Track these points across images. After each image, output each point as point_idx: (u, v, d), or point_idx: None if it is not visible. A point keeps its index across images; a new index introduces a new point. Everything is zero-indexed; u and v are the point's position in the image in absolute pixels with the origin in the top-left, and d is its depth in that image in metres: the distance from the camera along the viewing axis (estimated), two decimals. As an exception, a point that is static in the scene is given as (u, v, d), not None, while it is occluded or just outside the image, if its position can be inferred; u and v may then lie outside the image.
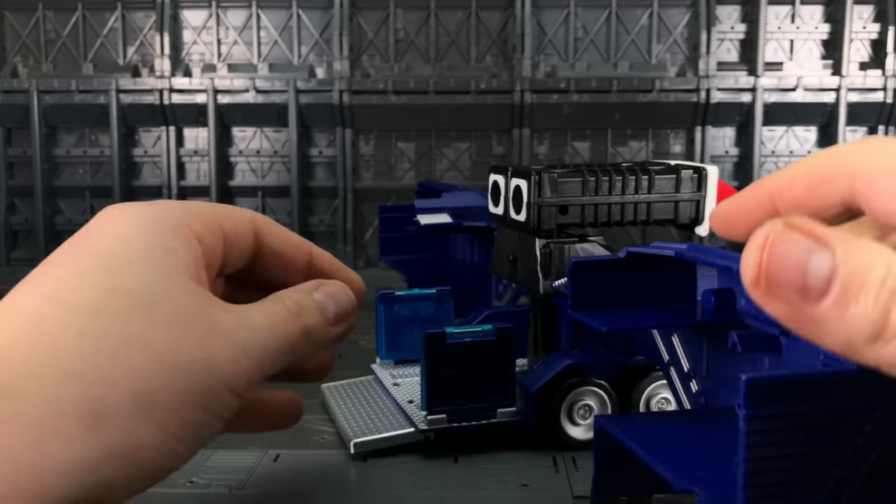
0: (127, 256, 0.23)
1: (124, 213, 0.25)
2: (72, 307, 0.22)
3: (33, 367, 0.20)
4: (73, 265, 0.23)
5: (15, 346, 0.21)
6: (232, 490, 0.34)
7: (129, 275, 0.23)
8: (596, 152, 0.90)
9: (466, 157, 0.91)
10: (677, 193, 0.41)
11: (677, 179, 0.41)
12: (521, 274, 0.41)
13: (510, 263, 0.42)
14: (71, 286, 0.22)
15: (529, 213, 0.39)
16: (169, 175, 0.91)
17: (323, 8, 0.90)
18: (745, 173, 0.89)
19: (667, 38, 0.89)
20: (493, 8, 0.89)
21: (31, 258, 0.91)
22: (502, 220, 0.42)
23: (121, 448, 0.20)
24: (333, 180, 0.91)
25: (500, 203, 0.42)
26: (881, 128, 0.89)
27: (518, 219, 0.40)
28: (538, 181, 0.38)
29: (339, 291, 0.29)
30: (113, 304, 0.22)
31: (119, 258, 0.23)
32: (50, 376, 0.20)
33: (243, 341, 0.24)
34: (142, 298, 0.22)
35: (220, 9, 0.91)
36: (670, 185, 0.41)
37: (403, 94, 0.88)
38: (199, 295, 0.24)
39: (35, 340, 0.21)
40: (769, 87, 0.87)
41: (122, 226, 0.25)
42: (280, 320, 0.26)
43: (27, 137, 0.90)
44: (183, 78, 0.89)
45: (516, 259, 0.41)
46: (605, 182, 0.40)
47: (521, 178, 0.39)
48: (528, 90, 0.87)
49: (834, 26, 0.88)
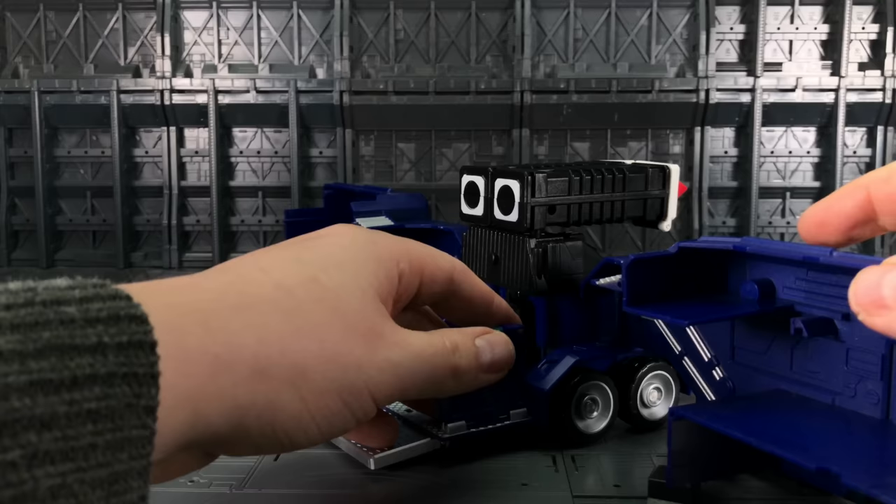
0: (338, 261, 0.27)
1: (351, 230, 0.30)
2: (277, 282, 0.25)
3: (231, 313, 0.23)
4: (295, 253, 0.27)
5: (225, 293, 0.24)
6: (233, 489, 0.34)
7: (333, 275, 0.26)
8: (595, 153, 0.90)
9: (466, 158, 0.91)
10: (646, 191, 0.43)
11: (646, 177, 0.43)
12: (507, 274, 0.41)
13: (490, 265, 0.42)
14: (283, 267, 0.26)
15: (522, 214, 0.39)
16: (170, 175, 0.91)
17: (323, 8, 0.90)
18: (744, 174, 0.89)
19: (666, 38, 0.90)
20: (493, 8, 0.90)
21: (31, 258, 0.92)
22: (479, 221, 0.42)
23: (265, 404, 0.23)
24: (334, 180, 0.91)
25: (479, 204, 0.42)
26: (880, 128, 0.89)
27: (507, 219, 0.40)
28: (531, 182, 0.39)
29: (500, 342, 0.32)
30: (310, 290, 0.25)
31: (332, 260, 0.27)
32: (238, 327, 0.23)
33: (396, 358, 0.27)
34: (333, 295, 0.26)
35: (220, 9, 0.91)
36: (641, 183, 0.43)
37: (403, 94, 0.88)
38: (378, 311, 0.27)
39: (238, 293, 0.24)
40: (768, 88, 0.88)
41: (347, 237, 0.29)
42: (434, 352, 0.29)
43: (28, 138, 0.90)
44: (184, 78, 0.89)
45: (499, 260, 0.41)
46: (587, 181, 0.41)
47: (512, 179, 0.39)
48: (527, 90, 0.87)
49: (833, 27, 0.88)
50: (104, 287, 0.19)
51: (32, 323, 0.17)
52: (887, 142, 0.89)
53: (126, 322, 0.19)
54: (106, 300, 0.19)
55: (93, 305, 0.18)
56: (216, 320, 0.22)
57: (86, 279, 0.20)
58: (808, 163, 0.90)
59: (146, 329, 0.19)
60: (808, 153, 0.90)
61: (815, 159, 0.90)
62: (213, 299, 0.23)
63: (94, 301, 0.19)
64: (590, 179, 0.41)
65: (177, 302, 0.22)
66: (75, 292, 0.19)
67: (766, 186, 0.90)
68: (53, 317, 0.18)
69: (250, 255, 0.28)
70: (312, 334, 0.24)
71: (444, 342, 0.29)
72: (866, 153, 0.90)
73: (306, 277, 0.26)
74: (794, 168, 0.90)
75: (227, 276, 0.25)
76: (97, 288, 0.19)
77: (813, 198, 0.91)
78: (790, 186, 0.90)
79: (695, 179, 0.89)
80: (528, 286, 0.40)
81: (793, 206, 0.91)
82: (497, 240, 0.42)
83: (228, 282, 0.25)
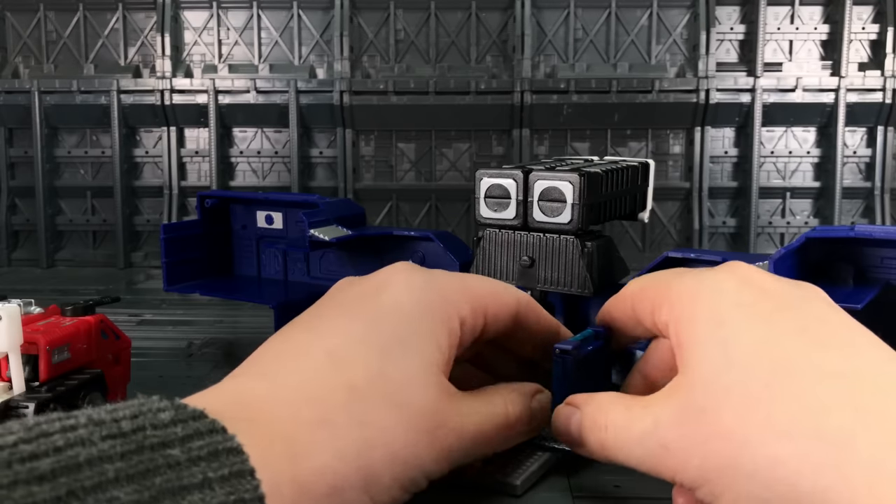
0: (401, 336, 0.27)
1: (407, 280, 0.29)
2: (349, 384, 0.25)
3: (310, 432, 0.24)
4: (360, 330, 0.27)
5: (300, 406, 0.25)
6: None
7: (399, 362, 0.27)
8: (595, 153, 0.90)
9: (466, 158, 0.91)
10: (637, 185, 0.45)
11: (638, 173, 0.44)
12: (547, 276, 0.41)
13: (523, 268, 0.42)
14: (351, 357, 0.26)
15: (574, 214, 0.39)
16: (170, 175, 0.91)
17: (323, 9, 0.90)
18: (744, 174, 0.89)
19: (666, 38, 0.90)
20: (493, 8, 0.90)
21: (31, 258, 0.92)
22: (509, 224, 0.41)
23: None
24: (334, 181, 0.91)
25: (510, 207, 0.41)
26: (880, 128, 0.89)
27: (553, 220, 0.40)
28: (585, 182, 0.39)
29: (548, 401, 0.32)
30: (378, 387, 0.26)
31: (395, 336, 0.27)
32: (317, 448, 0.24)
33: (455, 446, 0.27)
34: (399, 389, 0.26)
35: (220, 10, 0.91)
36: (636, 178, 0.44)
37: (403, 94, 0.88)
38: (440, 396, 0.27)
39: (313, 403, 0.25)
40: (768, 88, 0.87)
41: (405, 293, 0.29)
42: (492, 430, 0.29)
43: (28, 138, 0.90)
44: (184, 78, 0.89)
45: (534, 262, 0.41)
46: (612, 179, 0.41)
47: (561, 181, 0.39)
48: (527, 91, 0.87)
49: (833, 27, 0.88)
50: (202, 420, 0.21)
51: (144, 471, 0.19)
52: (887, 142, 0.89)
53: (225, 455, 0.21)
54: (205, 435, 0.21)
55: (195, 444, 0.21)
56: (298, 445, 0.23)
57: (185, 406, 0.22)
58: (808, 163, 0.90)
59: (243, 459, 0.21)
60: (808, 153, 0.90)
61: (815, 159, 0.90)
62: (292, 416, 0.24)
63: (195, 438, 0.21)
64: (613, 177, 0.41)
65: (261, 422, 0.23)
66: (178, 430, 0.21)
67: (767, 186, 0.90)
68: (162, 462, 0.20)
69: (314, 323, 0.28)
70: (382, 442, 0.25)
71: (505, 415, 0.30)
72: (866, 153, 0.90)
73: (374, 373, 0.26)
74: (794, 168, 0.90)
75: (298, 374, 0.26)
76: (196, 421, 0.21)
77: (813, 198, 0.91)
78: (790, 186, 0.90)
79: (695, 179, 0.89)
80: (580, 286, 0.40)
81: (793, 206, 0.91)
82: (533, 242, 0.41)
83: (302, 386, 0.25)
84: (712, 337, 0.25)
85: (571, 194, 0.39)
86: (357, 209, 0.54)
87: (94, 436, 0.19)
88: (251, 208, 0.57)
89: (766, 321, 0.25)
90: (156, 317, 0.65)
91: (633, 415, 0.27)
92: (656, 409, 0.26)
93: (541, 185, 0.40)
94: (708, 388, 0.25)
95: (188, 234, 0.55)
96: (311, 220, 0.49)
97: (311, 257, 0.55)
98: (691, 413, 0.25)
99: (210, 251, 0.56)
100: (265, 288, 0.55)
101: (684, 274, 0.29)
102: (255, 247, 0.58)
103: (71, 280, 0.84)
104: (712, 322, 0.26)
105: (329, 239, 0.48)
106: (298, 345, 0.27)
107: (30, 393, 0.35)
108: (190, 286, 0.54)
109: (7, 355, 0.34)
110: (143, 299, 0.73)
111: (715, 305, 0.26)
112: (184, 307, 0.69)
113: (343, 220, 0.51)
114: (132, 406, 0.21)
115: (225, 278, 0.57)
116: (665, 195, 0.90)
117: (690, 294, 0.27)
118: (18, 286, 0.80)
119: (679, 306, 0.27)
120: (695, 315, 0.26)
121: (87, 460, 0.19)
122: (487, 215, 0.42)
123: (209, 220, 0.56)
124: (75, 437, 0.19)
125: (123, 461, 0.19)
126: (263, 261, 0.57)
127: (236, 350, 0.55)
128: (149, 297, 0.74)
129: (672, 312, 0.28)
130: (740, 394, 0.24)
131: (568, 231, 0.40)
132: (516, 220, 0.41)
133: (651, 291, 0.29)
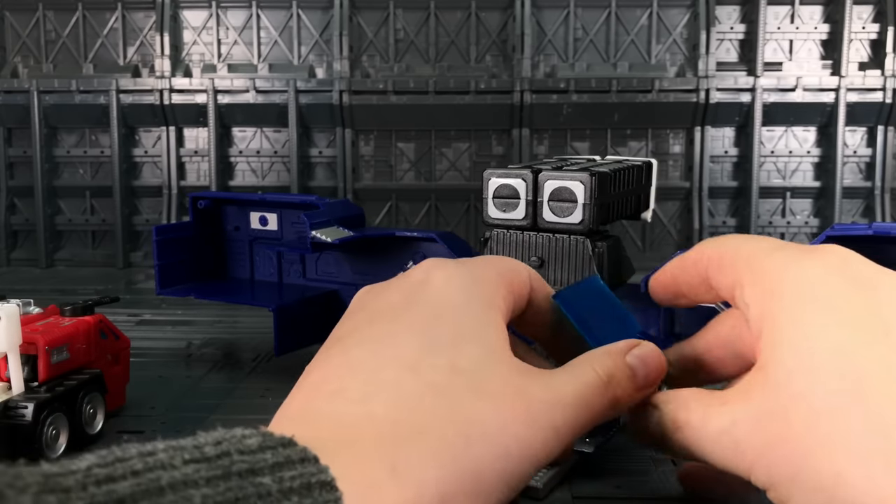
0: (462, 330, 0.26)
1: (446, 275, 0.28)
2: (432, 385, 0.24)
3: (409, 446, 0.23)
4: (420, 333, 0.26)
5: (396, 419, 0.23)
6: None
7: (467, 351, 0.25)
8: (595, 152, 0.90)
9: (466, 158, 0.91)
10: (641, 185, 0.45)
11: (641, 172, 0.44)
12: (557, 276, 0.41)
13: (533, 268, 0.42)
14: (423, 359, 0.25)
15: (585, 214, 0.39)
16: (169, 175, 0.91)
17: (323, 8, 0.90)
18: (744, 173, 0.89)
19: (666, 38, 0.90)
20: (493, 8, 0.89)
21: (31, 258, 0.91)
22: (518, 225, 0.42)
23: None
24: (333, 180, 0.91)
25: (519, 207, 0.41)
26: (880, 128, 0.89)
27: (563, 220, 0.40)
28: (595, 182, 0.39)
29: (652, 354, 0.28)
30: (458, 383, 0.24)
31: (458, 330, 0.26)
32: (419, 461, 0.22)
33: (558, 422, 0.25)
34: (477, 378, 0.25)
35: (220, 9, 0.91)
36: (641, 178, 0.44)
37: (403, 94, 0.88)
38: (519, 372, 0.26)
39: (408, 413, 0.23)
40: (768, 88, 0.87)
41: (451, 287, 0.28)
42: (591, 394, 0.27)
43: (27, 137, 0.90)
44: (183, 78, 0.89)
45: (544, 262, 0.41)
46: (619, 178, 0.41)
47: (572, 181, 0.39)
48: (527, 90, 0.87)
49: (833, 26, 0.88)
50: (292, 447, 0.20)
51: (234, 499, 0.18)
52: (887, 141, 0.89)
53: (318, 489, 0.19)
54: (296, 464, 0.20)
55: (286, 474, 0.19)
56: (400, 461, 0.22)
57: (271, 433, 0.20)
58: (809, 162, 0.90)
59: (336, 497, 0.20)
60: (809, 153, 0.90)
61: (815, 159, 0.90)
62: (390, 432, 0.23)
63: (287, 468, 0.19)
64: (620, 176, 0.41)
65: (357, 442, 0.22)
66: (268, 457, 0.19)
67: (767, 186, 0.89)
68: (252, 490, 0.18)
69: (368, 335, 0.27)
70: (479, 437, 0.24)
71: (597, 375, 0.27)
72: (866, 153, 0.90)
73: (451, 369, 0.25)
74: (794, 168, 0.90)
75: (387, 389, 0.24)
76: (287, 448, 0.20)
77: (813, 197, 0.91)
78: (790, 186, 0.90)
79: (695, 179, 0.89)
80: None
81: (793, 205, 0.91)
82: (542, 243, 0.41)
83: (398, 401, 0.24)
84: (792, 335, 0.24)
85: (582, 194, 0.39)
86: (356, 210, 0.53)
87: (176, 459, 0.18)
88: (245, 209, 0.56)
89: (849, 322, 0.24)
90: (155, 317, 0.65)
91: (711, 412, 0.26)
92: (733, 407, 0.25)
93: (551, 185, 0.40)
94: (780, 390, 0.24)
95: (181, 235, 0.54)
96: (312, 221, 0.48)
97: (307, 259, 0.55)
98: (763, 414, 0.24)
99: (204, 253, 0.56)
100: (259, 291, 0.55)
101: (773, 251, 0.27)
102: (248, 249, 0.57)
103: (70, 280, 0.83)
104: (794, 318, 0.25)
105: (331, 240, 0.47)
106: (363, 360, 0.25)
107: (29, 393, 0.35)
108: (183, 289, 0.53)
109: (6, 355, 0.34)
110: (142, 299, 0.73)
111: (801, 298, 0.25)
112: (183, 307, 0.69)
113: (343, 221, 0.50)
114: (215, 434, 0.20)
115: (219, 281, 0.57)
116: (665, 195, 0.90)
117: (778, 279, 0.26)
118: (17, 286, 0.80)
119: (764, 293, 0.26)
120: (779, 307, 0.25)
121: (170, 484, 0.17)
122: (496, 216, 0.42)
123: (202, 221, 0.56)
124: (154, 460, 0.18)
125: (210, 487, 0.18)
126: (257, 263, 0.57)
127: (235, 350, 0.55)
128: (148, 297, 0.74)
129: (754, 296, 0.26)
130: (810, 401, 0.23)
131: (579, 231, 0.40)
132: (525, 221, 0.41)
133: (733, 263, 0.28)
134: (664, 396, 0.28)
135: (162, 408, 0.43)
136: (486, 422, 0.24)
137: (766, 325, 0.25)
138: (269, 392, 0.45)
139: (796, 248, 0.27)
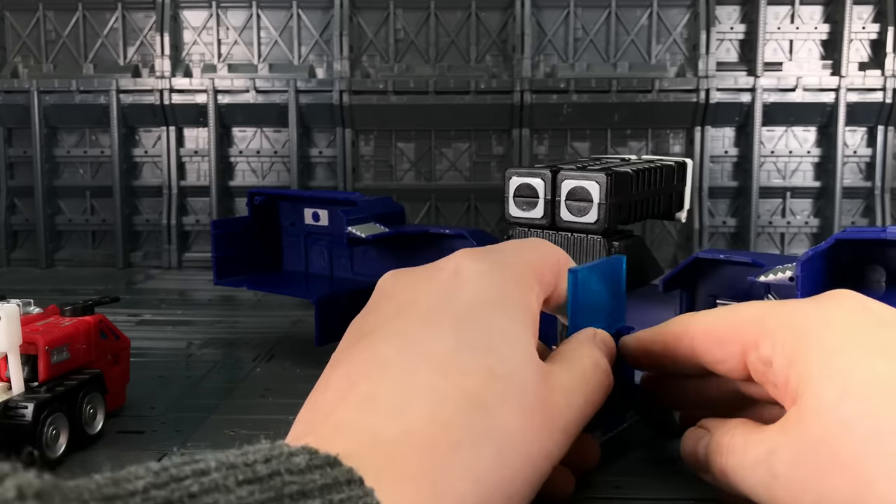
0: (497, 329, 0.26)
1: (476, 265, 0.28)
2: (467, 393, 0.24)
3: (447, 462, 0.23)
4: (450, 332, 0.26)
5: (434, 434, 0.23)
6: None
7: (504, 353, 0.26)
8: (595, 152, 0.90)
9: (466, 157, 0.91)
10: (673, 185, 0.44)
11: (673, 172, 0.44)
12: None
13: None
14: (457, 361, 0.25)
15: (600, 214, 0.39)
16: (169, 175, 0.91)
17: (323, 8, 0.90)
18: (744, 173, 0.89)
19: (666, 38, 0.90)
20: (493, 8, 0.89)
21: (31, 258, 0.91)
22: (538, 224, 0.42)
23: None
24: (333, 180, 0.91)
25: (538, 206, 0.42)
26: (880, 128, 0.89)
27: (579, 220, 0.40)
28: (613, 181, 0.39)
29: (605, 336, 0.32)
30: (494, 390, 0.25)
31: (493, 330, 0.26)
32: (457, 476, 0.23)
33: (570, 426, 0.27)
34: (510, 384, 0.25)
35: (220, 9, 0.91)
36: (671, 177, 0.44)
37: (403, 94, 0.88)
38: (544, 376, 0.27)
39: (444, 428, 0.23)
40: (768, 88, 0.87)
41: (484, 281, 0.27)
42: (594, 388, 0.29)
43: (27, 137, 0.90)
44: (183, 78, 0.89)
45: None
46: (643, 178, 0.41)
47: (588, 180, 0.40)
48: (527, 90, 0.87)
49: (833, 26, 0.88)
50: (338, 468, 0.20)
51: None
52: (887, 142, 0.89)
53: None
54: (343, 486, 0.20)
55: (335, 497, 0.19)
56: (440, 479, 0.22)
57: (316, 451, 0.20)
58: (809, 162, 0.90)
59: None
60: (809, 153, 0.90)
61: (815, 159, 0.90)
62: (428, 449, 0.23)
63: (335, 490, 0.19)
64: (644, 176, 0.41)
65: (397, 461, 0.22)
66: (316, 478, 0.19)
67: (767, 186, 0.89)
68: None
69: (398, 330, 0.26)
70: (510, 449, 0.24)
71: (594, 363, 0.29)
72: (866, 153, 0.90)
73: (485, 375, 0.25)
74: (794, 168, 0.90)
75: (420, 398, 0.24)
76: (333, 469, 0.20)
77: (813, 197, 0.90)
78: (790, 186, 0.90)
79: (695, 179, 0.89)
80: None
81: (793, 205, 0.91)
82: (560, 241, 0.42)
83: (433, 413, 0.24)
84: (827, 368, 0.24)
85: (598, 194, 0.39)
86: (396, 207, 0.55)
87: (230, 481, 0.18)
88: (298, 206, 0.58)
89: (885, 352, 0.24)
90: (155, 317, 0.65)
91: (751, 440, 0.26)
92: (772, 437, 0.25)
93: (568, 185, 0.40)
94: (824, 419, 0.24)
95: (237, 230, 0.57)
96: (349, 217, 0.50)
97: (354, 253, 0.57)
98: (807, 445, 0.24)
99: (259, 247, 0.58)
100: (312, 283, 0.57)
101: (780, 307, 0.28)
102: (302, 243, 0.59)
103: (70, 280, 0.83)
104: (826, 353, 0.25)
105: (365, 236, 0.50)
106: (392, 359, 0.25)
107: (29, 393, 0.35)
108: (237, 280, 0.56)
109: (6, 355, 0.34)
110: (142, 299, 0.73)
111: (832, 335, 0.25)
112: (183, 307, 0.69)
113: (381, 218, 0.52)
114: (262, 449, 0.20)
115: (272, 273, 0.59)
116: (665, 195, 0.90)
117: (802, 325, 0.26)
118: (17, 286, 0.80)
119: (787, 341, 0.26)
120: (809, 348, 0.25)
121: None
122: (516, 214, 0.43)
123: (258, 217, 0.58)
124: (209, 481, 0.18)
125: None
126: (311, 257, 0.59)
127: (235, 350, 0.55)
128: (148, 297, 0.74)
129: (776, 347, 0.27)
130: (860, 427, 0.23)
131: (594, 231, 0.40)
132: (544, 220, 0.41)
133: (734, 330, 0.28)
134: (714, 422, 0.29)
135: (162, 408, 0.43)
136: (515, 431, 0.24)
137: (796, 367, 0.26)
138: (269, 392, 0.45)
139: (806, 300, 0.28)
